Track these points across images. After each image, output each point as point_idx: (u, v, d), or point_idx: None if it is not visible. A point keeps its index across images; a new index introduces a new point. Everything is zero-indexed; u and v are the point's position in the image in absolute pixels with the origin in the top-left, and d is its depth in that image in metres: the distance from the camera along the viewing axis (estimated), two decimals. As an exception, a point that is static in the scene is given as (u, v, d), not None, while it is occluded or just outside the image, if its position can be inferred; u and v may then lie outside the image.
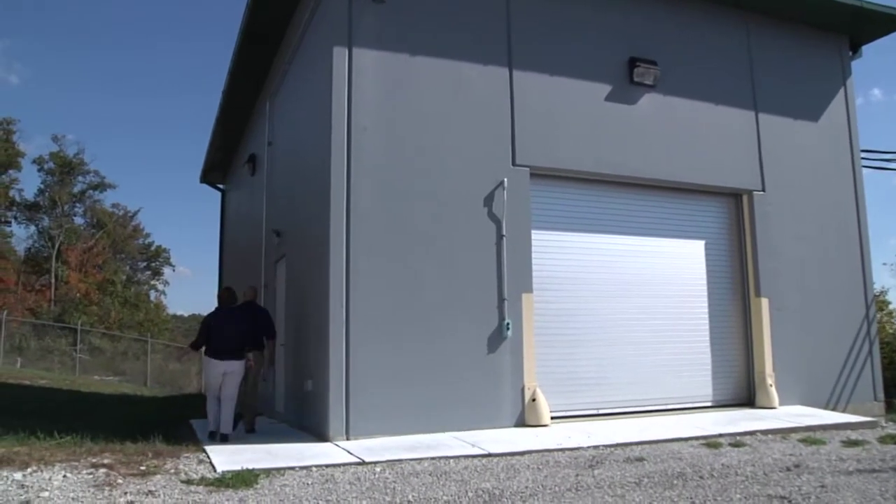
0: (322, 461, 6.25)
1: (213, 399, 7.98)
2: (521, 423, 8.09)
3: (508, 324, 8.20)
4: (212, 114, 20.76)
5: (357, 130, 7.82)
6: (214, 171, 18.14)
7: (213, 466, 6.04)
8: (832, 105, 10.84)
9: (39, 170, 39.76)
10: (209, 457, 6.49)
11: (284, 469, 5.96)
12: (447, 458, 6.42)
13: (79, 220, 41.91)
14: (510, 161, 8.55)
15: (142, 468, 5.88)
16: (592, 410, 8.76)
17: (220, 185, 18.71)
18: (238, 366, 7.98)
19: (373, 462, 6.24)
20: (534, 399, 8.13)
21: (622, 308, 9.19)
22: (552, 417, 8.20)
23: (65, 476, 5.52)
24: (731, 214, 10.17)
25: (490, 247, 8.31)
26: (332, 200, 7.65)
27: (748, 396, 9.77)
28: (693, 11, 10.02)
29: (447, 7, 8.57)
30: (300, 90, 9.66)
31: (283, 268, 10.26)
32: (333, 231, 7.62)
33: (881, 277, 30.16)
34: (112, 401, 15.13)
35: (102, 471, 5.73)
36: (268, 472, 5.80)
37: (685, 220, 9.86)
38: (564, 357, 8.71)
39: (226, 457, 6.43)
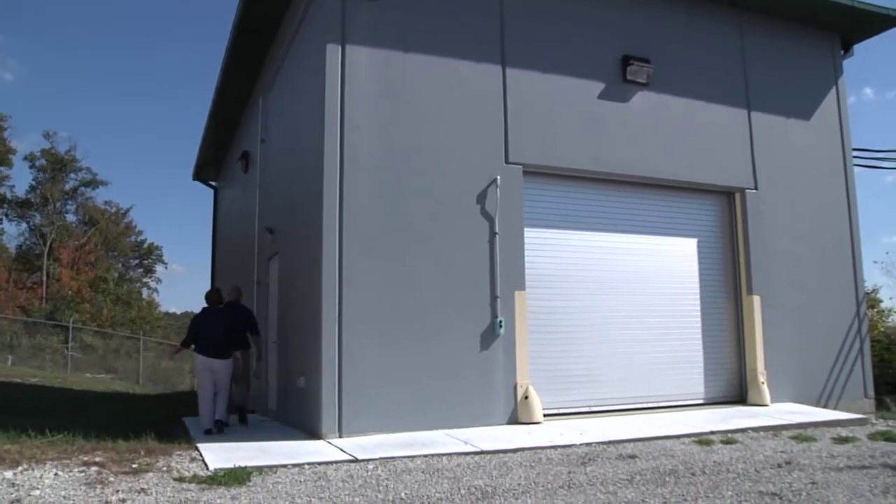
0: (315, 459, 6.25)
1: (205, 397, 8.11)
2: (514, 421, 8.11)
3: (501, 321, 8.20)
4: (205, 111, 20.68)
5: (350, 129, 7.82)
6: (207, 169, 18.07)
7: (206, 464, 6.03)
8: (824, 103, 10.89)
9: (31, 167, 39.58)
10: (201, 454, 6.48)
11: (277, 467, 5.96)
12: (440, 456, 6.43)
13: (71, 218, 41.71)
14: (503, 159, 8.56)
15: (134, 466, 5.87)
16: (585, 408, 8.78)
17: (213, 183, 18.66)
18: (222, 364, 8.27)
19: (365, 459, 6.24)
20: (526, 396, 8.15)
21: (615, 306, 9.21)
22: (545, 415, 8.22)
23: (56, 474, 5.50)
24: (724, 212, 10.21)
25: (483, 244, 8.31)
26: (325, 198, 7.64)
27: (740, 394, 9.82)
28: (687, 10, 10.04)
29: (441, 5, 8.56)
30: (294, 87, 9.63)
31: (277, 265, 10.25)
32: (326, 228, 7.61)
33: (872, 276, 30.35)
34: (104, 398, 15.06)
35: (94, 469, 5.72)
36: (260, 470, 5.80)
37: (678, 218, 9.88)
38: (557, 354, 8.73)
39: (218, 454, 6.41)
